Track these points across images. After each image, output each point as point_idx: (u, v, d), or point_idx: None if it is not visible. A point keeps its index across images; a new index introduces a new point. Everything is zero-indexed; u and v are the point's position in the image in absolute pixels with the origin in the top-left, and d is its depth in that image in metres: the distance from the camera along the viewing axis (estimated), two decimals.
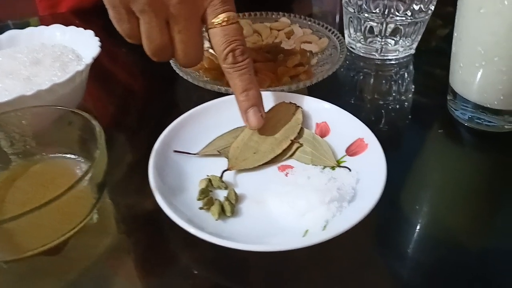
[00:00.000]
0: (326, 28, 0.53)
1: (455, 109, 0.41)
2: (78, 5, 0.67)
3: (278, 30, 0.54)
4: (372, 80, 0.49)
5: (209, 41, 0.37)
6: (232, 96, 0.40)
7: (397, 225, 0.33)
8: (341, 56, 0.47)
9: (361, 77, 0.50)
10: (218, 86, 0.43)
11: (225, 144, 0.37)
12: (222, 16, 0.35)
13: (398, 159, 0.38)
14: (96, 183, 0.30)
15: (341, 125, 0.37)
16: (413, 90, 0.48)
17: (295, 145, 0.36)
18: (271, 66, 0.45)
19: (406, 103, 0.45)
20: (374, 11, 0.48)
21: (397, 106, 0.45)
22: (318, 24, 0.54)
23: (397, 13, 0.47)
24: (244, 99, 0.36)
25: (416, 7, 0.47)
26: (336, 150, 0.36)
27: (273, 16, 0.57)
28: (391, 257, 0.30)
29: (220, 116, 0.39)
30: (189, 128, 0.37)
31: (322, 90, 0.47)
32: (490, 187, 0.36)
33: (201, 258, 0.30)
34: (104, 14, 0.35)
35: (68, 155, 0.34)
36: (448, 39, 0.41)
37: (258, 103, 0.37)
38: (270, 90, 0.41)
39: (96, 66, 0.40)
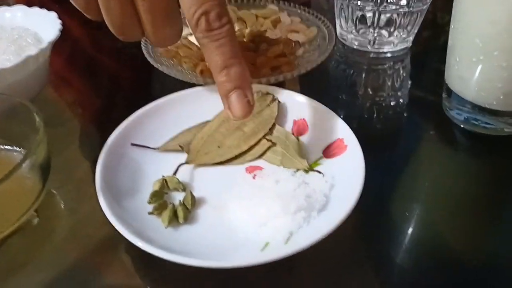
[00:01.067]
0: (316, 17, 0.49)
1: (450, 109, 0.37)
2: None
3: (265, 18, 0.51)
4: (363, 74, 0.45)
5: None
6: (204, 86, 0.36)
7: (379, 235, 0.29)
8: (328, 46, 0.43)
9: (352, 71, 0.46)
10: (191, 76, 0.39)
11: (190, 139, 0.33)
12: None
13: (384, 163, 0.35)
14: (37, 174, 0.27)
15: (321, 123, 0.33)
16: (406, 86, 0.44)
17: (266, 144, 0.33)
18: (251, 56, 0.42)
19: (398, 101, 0.41)
20: (368, 1, 0.43)
21: (388, 104, 0.41)
22: (308, 12, 0.50)
23: (391, 2, 0.43)
24: (225, 79, 0.27)
25: None
26: (313, 151, 0.32)
27: (261, 2, 0.53)
28: (371, 268, 0.27)
29: (191, 108, 0.35)
30: (153, 121, 0.34)
31: (308, 84, 0.43)
32: (485, 194, 0.33)
33: (154, 274, 0.26)
34: None
35: (9, 147, 0.31)
36: (448, 29, 0.37)
37: (244, 84, 0.28)
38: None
39: (70, 49, 0.37)
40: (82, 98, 0.44)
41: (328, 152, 0.32)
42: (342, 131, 0.32)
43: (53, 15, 0.40)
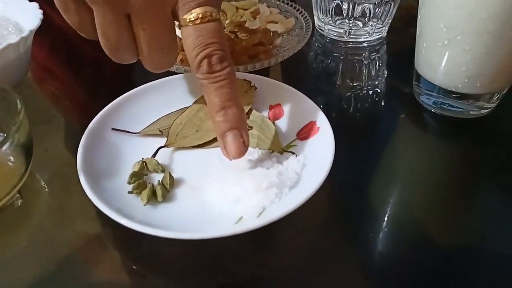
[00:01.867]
0: (295, 8, 0.50)
1: (420, 94, 0.39)
2: None
3: (245, 9, 0.52)
4: (340, 64, 0.47)
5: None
6: (187, 74, 0.38)
7: (348, 211, 0.31)
8: (305, 36, 0.44)
9: (329, 61, 0.47)
10: (177, 66, 0.40)
11: (169, 123, 0.35)
12: (196, 12, 0.27)
13: (356, 146, 0.36)
14: (19, 156, 0.28)
15: (295, 108, 0.35)
16: (381, 75, 0.45)
17: None
18: (230, 44, 0.43)
19: (372, 89, 0.43)
20: None
21: (363, 92, 0.42)
22: (287, 4, 0.51)
23: None
24: (222, 119, 0.28)
25: None
26: (287, 134, 0.34)
27: None
28: (339, 240, 0.29)
29: (170, 95, 0.36)
30: (134, 106, 0.35)
31: (287, 73, 0.45)
32: (455, 175, 0.34)
33: (135, 250, 0.28)
34: None
35: None
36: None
37: (240, 125, 0.28)
38: None
39: (52, 38, 0.38)
40: (63, 86, 0.45)
41: (301, 134, 0.33)
42: (315, 114, 0.33)
43: (34, 5, 0.40)
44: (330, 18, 0.48)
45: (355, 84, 0.43)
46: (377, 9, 0.46)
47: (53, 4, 0.28)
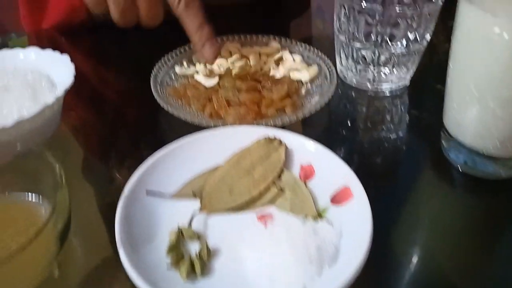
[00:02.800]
0: (317, 55, 0.51)
1: (448, 150, 0.39)
2: (62, 22, 0.64)
3: (267, 56, 0.52)
4: (363, 113, 0.47)
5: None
6: (214, 130, 0.38)
7: (387, 279, 0.30)
8: (331, 87, 0.45)
9: (352, 109, 0.48)
10: (199, 119, 0.40)
11: (201, 184, 0.35)
12: None
13: (386, 205, 0.36)
14: (58, 231, 0.28)
15: (327, 169, 0.35)
16: (406, 126, 0.45)
17: (275, 190, 0.34)
18: (256, 97, 0.43)
19: (398, 140, 0.43)
20: (366, 40, 0.45)
21: (388, 144, 0.43)
22: (309, 50, 0.52)
23: (390, 43, 0.45)
24: (199, 36, 0.43)
25: (411, 36, 0.44)
26: (320, 197, 0.34)
27: (263, 39, 0.55)
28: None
29: (202, 153, 0.37)
30: (166, 166, 0.35)
31: (309, 123, 0.45)
32: (484, 234, 0.34)
33: None
34: (91, 33, 0.34)
35: (27, 197, 0.32)
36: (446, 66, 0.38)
37: (211, 38, 0.44)
38: (253, 125, 0.39)
39: (80, 86, 0.39)
40: (89, 136, 0.45)
41: (335, 199, 0.33)
42: (349, 178, 0.33)
43: (66, 58, 0.41)
44: (353, 65, 0.49)
45: (379, 135, 0.44)
46: (401, 58, 0.46)
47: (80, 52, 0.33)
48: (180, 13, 0.42)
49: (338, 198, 0.33)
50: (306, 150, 0.37)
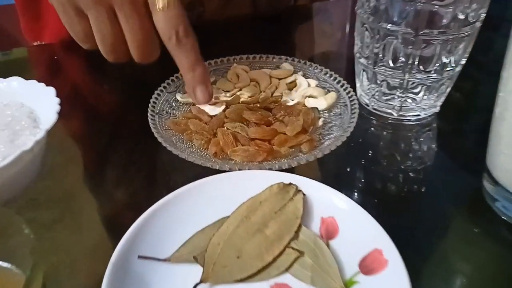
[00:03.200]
0: (335, 79, 0.45)
1: (494, 199, 0.33)
2: (61, 36, 0.60)
3: (279, 79, 0.47)
4: (387, 146, 0.41)
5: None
6: (218, 176, 0.33)
7: None
8: (352, 120, 0.39)
9: (375, 143, 0.42)
10: (203, 160, 0.35)
11: (204, 244, 0.29)
12: (163, 1, 0.36)
13: (424, 263, 0.31)
14: None
15: (354, 226, 0.29)
16: (438, 163, 0.40)
17: (293, 254, 0.29)
18: (268, 132, 0.38)
19: (431, 182, 0.37)
20: (394, 64, 0.40)
21: (420, 189, 0.37)
22: (326, 73, 0.46)
23: (422, 67, 0.39)
24: (191, 77, 0.38)
25: (446, 61, 0.39)
26: (346, 263, 0.28)
27: (274, 60, 0.49)
28: None
29: (203, 201, 0.32)
30: (160, 223, 0.30)
31: (326, 161, 0.39)
32: None
33: None
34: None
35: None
36: (480, 93, 0.33)
37: (205, 80, 0.39)
38: (263, 167, 0.34)
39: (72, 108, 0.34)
40: (73, 183, 0.40)
41: (364, 265, 0.27)
42: (380, 239, 0.28)
43: (50, 90, 0.36)
44: (376, 91, 0.43)
45: (408, 175, 0.38)
46: (433, 84, 0.41)
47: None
48: (171, 49, 0.37)
49: (368, 265, 0.27)
50: (327, 200, 0.31)
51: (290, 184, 0.32)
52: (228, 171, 0.34)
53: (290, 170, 0.35)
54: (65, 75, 0.57)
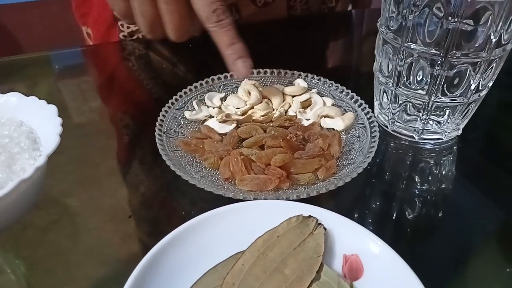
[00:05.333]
0: (352, 98, 0.43)
1: None
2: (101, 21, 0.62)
3: (293, 96, 0.45)
4: (409, 173, 0.39)
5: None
6: (232, 206, 0.30)
7: None
8: (372, 145, 0.37)
9: (395, 166, 0.40)
10: (215, 189, 0.33)
11: (217, 284, 0.27)
12: None
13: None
14: None
15: (379, 264, 0.27)
16: (463, 191, 0.37)
17: None
18: (284, 157, 0.35)
19: (456, 213, 0.35)
20: (418, 85, 0.37)
21: (446, 218, 0.35)
22: (342, 91, 0.44)
23: (446, 91, 0.37)
24: (231, 52, 0.39)
25: (473, 84, 0.36)
26: None
27: (286, 75, 0.47)
28: None
29: (216, 235, 0.29)
30: (171, 258, 0.27)
31: (345, 186, 0.37)
32: None
33: None
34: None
35: None
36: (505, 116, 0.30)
37: (245, 55, 0.39)
38: (279, 196, 0.31)
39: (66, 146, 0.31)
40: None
41: None
42: (409, 283, 0.25)
43: (52, 109, 0.33)
44: (397, 113, 0.41)
45: (431, 201, 0.36)
46: (457, 107, 0.38)
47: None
48: (210, 28, 0.39)
49: None
50: (350, 234, 0.29)
51: (310, 216, 0.30)
52: (242, 200, 0.31)
53: (308, 199, 0.32)
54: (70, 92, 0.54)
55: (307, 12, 0.66)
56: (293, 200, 0.31)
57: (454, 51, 0.34)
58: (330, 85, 0.45)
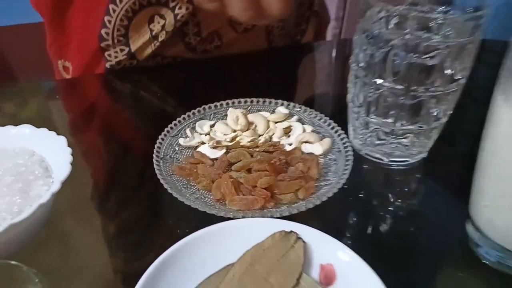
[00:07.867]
0: (329, 125, 0.48)
1: (477, 245, 0.36)
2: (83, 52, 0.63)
3: (276, 123, 0.50)
4: (379, 192, 0.44)
5: None
6: (223, 224, 0.35)
7: None
8: (346, 167, 0.42)
9: (368, 186, 0.45)
10: (208, 209, 0.37)
11: None
12: None
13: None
14: None
15: (351, 273, 0.32)
16: (427, 208, 0.42)
17: None
18: (268, 179, 0.40)
19: (420, 227, 0.40)
20: (384, 115, 0.43)
21: (411, 232, 0.39)
22: (320, 119, 0.49)
23: (411, 118, 0.42)
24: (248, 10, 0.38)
25: (435, 112, 0.42)
26: None
27: (270, 104, 0.52)
28: None
29: (210, 249, 0.33)
30: (168, 274, 0.31)
31: (322, 204, 0.41)
32: None
33: None
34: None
35: None
36: (465, 139, 0.35)
37: None
38: (264, 214, 0.36)
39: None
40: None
41: None
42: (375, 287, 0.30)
43: (62, 140, 0.38)
44: (369, 138, 0.46)
45: (398, 217, 0.41)
46: (421, 133, 0.44)
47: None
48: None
49: None
50: (326, 248, 0.33)
51: (291, 232, 0.34)
52: (232, 218, 0.36)
53: (290, 217, 0.37)
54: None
55: (284, 38, 0.69)
56: (277, 218, 0.36)
57: (415, 86, 0.39)
58: (310, 113, 0.50)
